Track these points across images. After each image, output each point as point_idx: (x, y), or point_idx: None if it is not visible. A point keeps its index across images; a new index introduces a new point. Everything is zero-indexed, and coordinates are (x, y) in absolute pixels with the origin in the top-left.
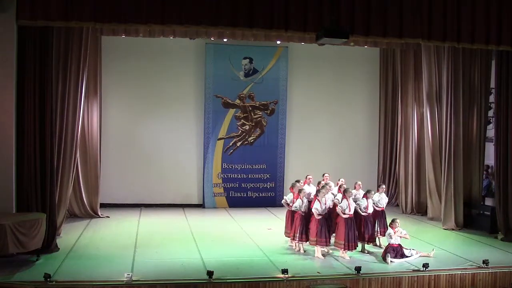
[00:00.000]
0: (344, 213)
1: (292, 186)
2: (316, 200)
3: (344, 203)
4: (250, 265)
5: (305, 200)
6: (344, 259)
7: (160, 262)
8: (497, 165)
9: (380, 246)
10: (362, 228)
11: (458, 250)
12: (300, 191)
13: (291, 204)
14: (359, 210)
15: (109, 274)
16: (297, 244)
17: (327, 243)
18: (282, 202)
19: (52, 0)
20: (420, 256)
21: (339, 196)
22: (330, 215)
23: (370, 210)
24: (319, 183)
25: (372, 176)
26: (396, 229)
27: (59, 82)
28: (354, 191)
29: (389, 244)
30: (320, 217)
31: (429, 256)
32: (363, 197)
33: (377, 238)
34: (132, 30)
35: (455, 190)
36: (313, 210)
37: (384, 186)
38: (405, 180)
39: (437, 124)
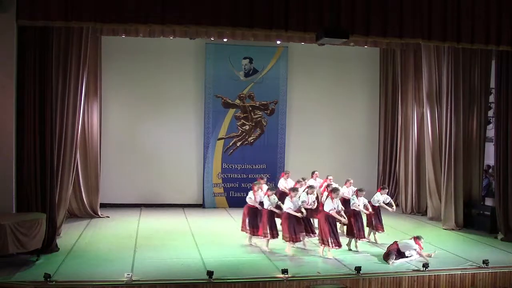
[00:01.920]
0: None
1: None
2: (288, 198)
3: (330, 203)
4: (250, 265)
5: (273, 197)
6: (329, 258)
7: (160, 262)
8: (497, 165)
9: (375, 242)
10: (353, 225)
11: (458, 250)
12: (268, 189)
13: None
14: (356, 208)
15: (109, 274)
16: (265, 241)
17: (297, 239)
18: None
19: (52, 0)
20: (420, 256)
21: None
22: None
23: (361, 208)
24: (297, 182)
25: (372, 176)
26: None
27: (59, 82)
28: (344, 188)
29: (394, 243)
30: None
31: (429, 256)
32: (354, 194)
33: (372, 234)
34: (132, 30)
35: (455, 190)
36: (285, 209)
37: (386, 189)
38: (405, 180)
39: (437, 124)
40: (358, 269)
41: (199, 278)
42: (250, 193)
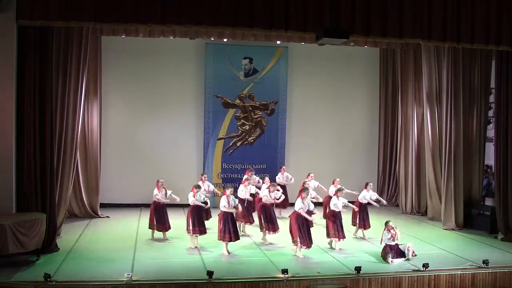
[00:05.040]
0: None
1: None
2: (224, 197)
3: (299, 203)
4: (250, 265)
5: (198, 194)
6: (299, 257)
7: (160, 262)
8: (497, 165)
9: (363, 237)
10: (331, 226)
11: (458, 250)
12: (194, 186)
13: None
14: (336, 209)
15: (109, 274)
16: (191, 238)
17: (231, 239)
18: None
19: (52, 0)
20: (412, 251)
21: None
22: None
23: (340, 208)
24: (245, 179)
25: (372, 176)
26: (392, 231)
27: (59, 82)
28: (332, 187)
29: (386, 244)
30: (226, 210)
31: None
32: (334, 195)
33: (360, 231)
34: (132, 30)
35: (455, 190)
36: (221, 208)
37: (371, 184)
38: (405, 180)
39: (437, 124)
40: (358, 269)
41: (199, 278)
42: (156, 190)
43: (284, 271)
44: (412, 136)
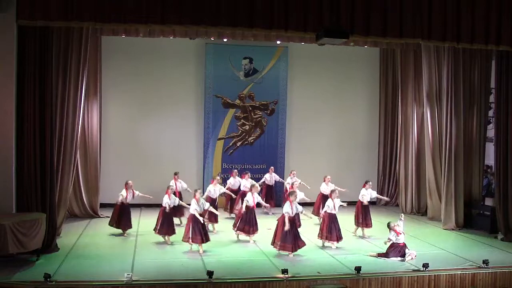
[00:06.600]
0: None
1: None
2: (194, 200)
3: (287, 206)
4: (250, 265)
5: (173, 197)
6: (288, 256)
7: (160, 262)
8: (497, 165)
9: (363, 236)
10: (324, 228)
11: (458, 250)
12: (168, 187)
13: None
14: (328, 210)
15: (109, 274)
16: (165, 237)
17: (203, 240)
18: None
19: (52, 0)
20: (412, 257)
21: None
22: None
23: (336, 210)
24: (213, 179)
25: (372, 176)
26: (397, 229)
27: (59, 82)
28: (323, 185)
29: (394, 242)
30: (196, 214)
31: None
32: (329, 196)
33: (360, 229)
34: (132, 30)
35: (455, 190)
36: (191, 211)
37: (370, 183)
38: (405, 180)
39: (437, 124)
40: (358, 269)
41: (199, 278)
42: (123, 191)
43: (284, 271)
44: (412, 136)
